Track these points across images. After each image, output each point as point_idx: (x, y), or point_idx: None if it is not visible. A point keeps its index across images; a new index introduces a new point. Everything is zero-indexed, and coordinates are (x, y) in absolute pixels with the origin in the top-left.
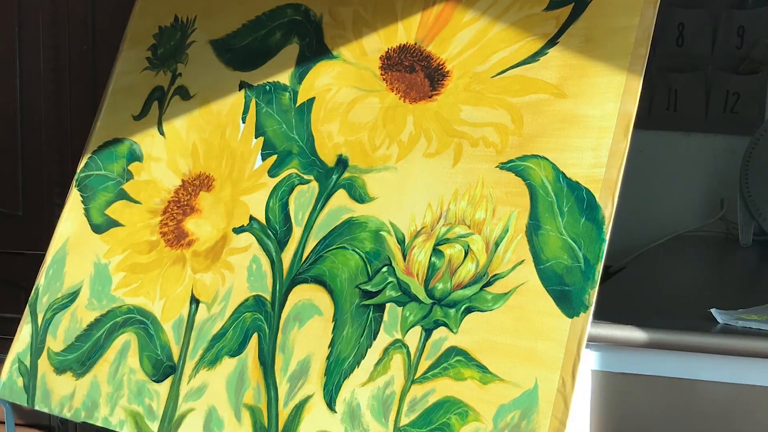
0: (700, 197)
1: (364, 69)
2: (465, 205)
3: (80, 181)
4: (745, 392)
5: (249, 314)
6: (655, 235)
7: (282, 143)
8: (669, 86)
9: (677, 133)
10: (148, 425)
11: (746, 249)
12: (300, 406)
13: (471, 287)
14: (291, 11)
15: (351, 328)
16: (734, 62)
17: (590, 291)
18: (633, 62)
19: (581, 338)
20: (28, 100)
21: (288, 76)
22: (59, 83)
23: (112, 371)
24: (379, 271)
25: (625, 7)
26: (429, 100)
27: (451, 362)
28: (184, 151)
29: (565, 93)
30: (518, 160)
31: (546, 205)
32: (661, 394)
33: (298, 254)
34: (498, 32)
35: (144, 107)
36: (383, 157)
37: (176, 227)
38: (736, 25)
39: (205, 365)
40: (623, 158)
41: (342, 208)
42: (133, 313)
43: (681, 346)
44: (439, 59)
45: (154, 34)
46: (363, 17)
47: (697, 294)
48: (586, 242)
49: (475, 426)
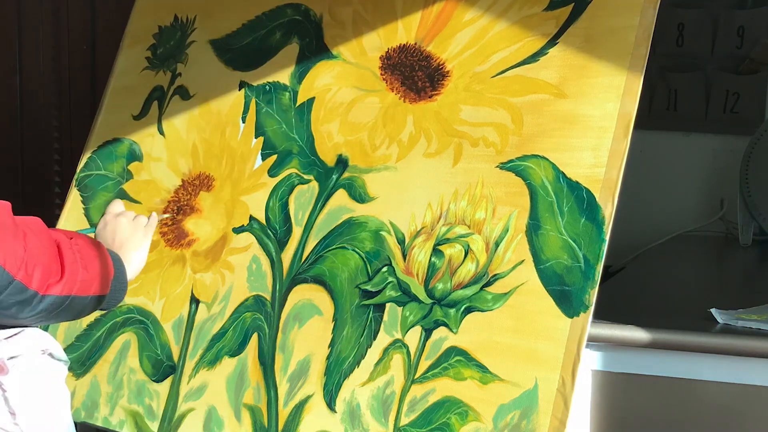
0: (700, 197)
1: (364, 69)
2: (465, 205)
3: (80, 181)
4: (745, 392)
5: (249, 314)
6: (655, 235)
7: (282, 143)
8: (669, 86)
9: (677, 133)
10: (148, 425)
11: (746, 249)
12: (300, 406)
13: (471, 287)
14: (291, 11)
15: (351, 328)
16: (734, 62)
17: (590, 291)
18: (633, 62)
19: (581, 338)
20: (28, 100)
21: (288, 76)
22: (59, 83)
23: (112, 371)
24: (379, 271)
25: (625, 7)
26: (429, 100)
27: (451, 362)
28: (184, 151)
29: (565, 93)
30: (518, 160)
31: (546, 205)
32: (661, 394)
33: (298, 254)
34: (498, 32)
35: (144, 107)
36: (383, 157)
37: (176, 227)
38: (736, 25)
39: (205, 365)
40: (623, 158)
41: (342, 208)
42: (133, 313)
43: (681, 346)
44: (439, 59)
45: (154, 33)
46: (363, 17)
47: (697, 294)
48: (586, 242)
49: (475, 426)
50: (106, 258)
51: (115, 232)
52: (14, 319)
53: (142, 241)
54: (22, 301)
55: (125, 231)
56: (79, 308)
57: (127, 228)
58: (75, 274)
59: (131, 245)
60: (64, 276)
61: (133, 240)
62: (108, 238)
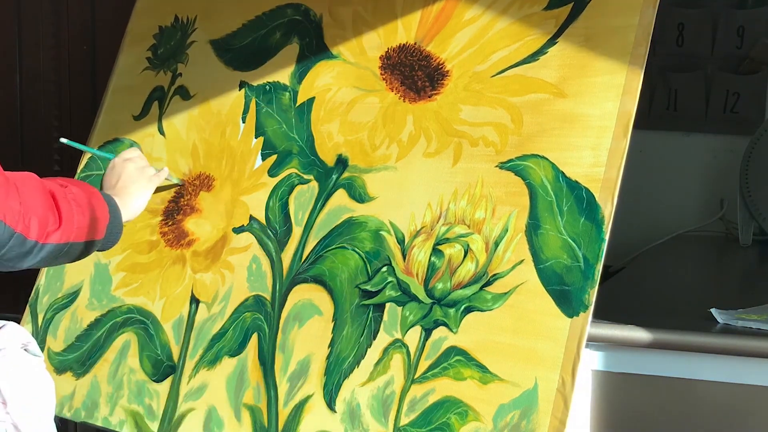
0: (700, 197)
1: (364, 69)
2: (465, 205)
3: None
4: (745, 392)
5: (249, 314)
6: (655, 235)
7: (282, 143)
8: (669, 86)
9: (677, 133)
10: (148, 425)
11: (746, 249)
12: (300, 406)
13: (471, 287)
14: (291, 11)
15: (351, 328)
16: (734, 62)
17: (590, 291)
18: (633, 62)
19: (581, 338)
20: (28, 99)
21: (288, 76)
22: (59, 83)
23: (112, 371)
24: (379, 271)
25: (624, 6)
26: (429, 100)
27: (450, 362)
28: (184, 151)
29: (565, 92)
30: (518, 160)
31: (545, 204)
32: (661, 394)
33: (298, 254)
34: (498, 31)
35: (144, 107)
36: (383, 157)
37: (176, 227)
38: (736, 25)
39: (205, 365)
40: (623, 158)
41: (342, 208)
42: (133, 313)
43: (681, 346)
44: (438, 59)
45: (155, 34)
46: (363, 17)
47: (697, 294)
48: (586, 242)
49: (475, 426)
50: (101, 203)
51: (120, 175)
52: (17, 267)
53: (144, 187)
54: (24, 252)
55: (131, 176)
56: (78, 252)
57: (133, 173)
58: (71, 221)
59: (132, 189)
60: (62, 224)
61: (136, 184)
62: (112, 180)
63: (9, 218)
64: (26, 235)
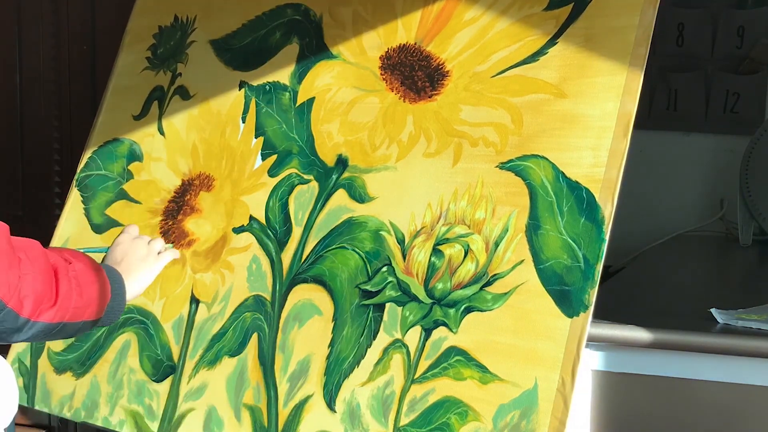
0: (700, 197)
1: (364, 69)
2: (465, 205)
3: (80, 181)
4: (745, 392)
5: (249, 314)
6: (655, 235)
7: (282, 143)
8: (669, 86)
9: (677, 133)
10: (148, 425)
11: (746, 249)
12: (300, 406)
13: (471, 287)
14: (291, 11)
15: (351, 328)
16: (734, 62)
17: (590, 291)
18: (633, 62)
19: (581, 338)
20: (28, 100)
21: (288, 76)
22: (59, 83)
23: (112, 371)
24: (379, 271)
25: (625, 6)
26: (429, 100)
27: (450, 362)
28: (184, 151)
29: (565, 93)
30: (518, 160)
31: (546, 204)
32: (661, 394)
33: (298, 254)
34: (498, 32)
35: (144, 107)
36: (383, 157)
37: (176, 227)
38: (736, 25)
39: (205, 365)
40: (623, 158)
41: (342, 208)
42: (133, 313)
43: (681, 346)
44: (438, 59)
45: (154, 33)
46: (363, 17)
47: (697, 294)
48: (586, 242)
49: (475, 426)
50: (104, 283)
51: (126, 252)
52: (6, 341)
53: (152, 266)
54: (14, 328)
55: (140, 251)
56: (72, 332)
57: (143, 249)
58: (68, 301)
59: (142, 267)
60: (57, 303)
61: (145, 263)
62: (117, 258)
63: (2, 292)
64: (18, 311)
